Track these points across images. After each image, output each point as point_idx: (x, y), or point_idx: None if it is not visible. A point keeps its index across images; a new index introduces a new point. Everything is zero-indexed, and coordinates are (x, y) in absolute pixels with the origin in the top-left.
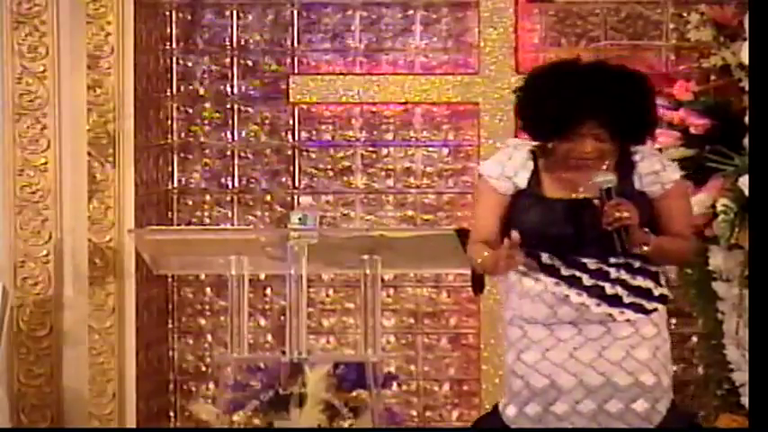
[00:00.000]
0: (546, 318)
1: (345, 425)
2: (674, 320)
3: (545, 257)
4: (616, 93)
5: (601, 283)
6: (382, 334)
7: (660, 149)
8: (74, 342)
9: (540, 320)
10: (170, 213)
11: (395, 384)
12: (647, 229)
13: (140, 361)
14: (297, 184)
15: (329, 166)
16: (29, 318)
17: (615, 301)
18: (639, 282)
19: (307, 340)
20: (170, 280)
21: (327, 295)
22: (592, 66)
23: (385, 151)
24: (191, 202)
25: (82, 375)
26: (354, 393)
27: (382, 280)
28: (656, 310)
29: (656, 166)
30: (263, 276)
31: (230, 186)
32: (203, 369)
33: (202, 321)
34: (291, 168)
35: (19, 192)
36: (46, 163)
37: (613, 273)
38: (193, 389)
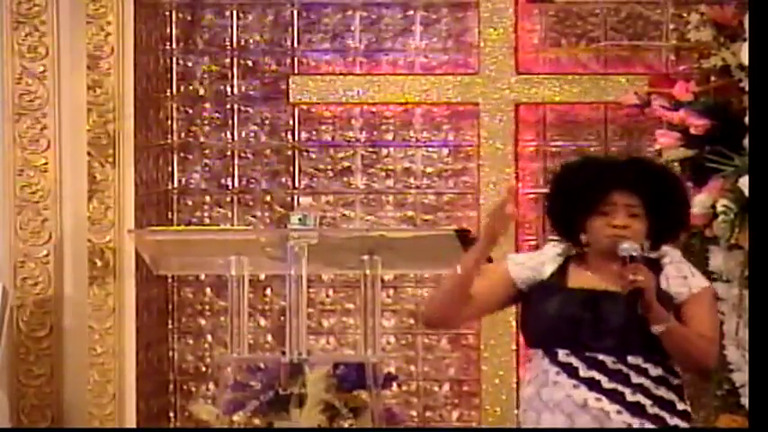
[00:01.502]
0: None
1: (345, 425)
2: None
3: (562, 354)
4: (653, 169)
5: (621, 389)
6: (382, 334)
7: (660, 151)
8: (74, 342)
9: None
10: (170, 213)
11: (395, 384)
12: (668, 312)
13: (140, 361)
14: (297, 185)
15: (329, 167)
16: (29, 318)
17: (637, 409)
18: (662, 393)
19: (307, 340)
20: (170, 280)
21: (327, 295)
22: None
23: (385, 151)
24: (191, 202)
25: (82, 375)
26: (354, 393)
27: (382, 280)
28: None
29: (686, 272)
30: (263, 276)
31: (230, 186)
32: (203, 369)
33: (202, 321)
34: (291, 168)
35: (19, 192)
36: (46, 163)
37: (634, 377)
38: (193, 389)
